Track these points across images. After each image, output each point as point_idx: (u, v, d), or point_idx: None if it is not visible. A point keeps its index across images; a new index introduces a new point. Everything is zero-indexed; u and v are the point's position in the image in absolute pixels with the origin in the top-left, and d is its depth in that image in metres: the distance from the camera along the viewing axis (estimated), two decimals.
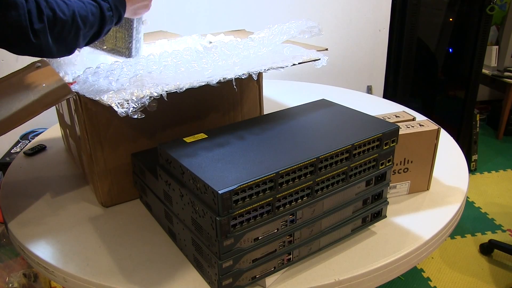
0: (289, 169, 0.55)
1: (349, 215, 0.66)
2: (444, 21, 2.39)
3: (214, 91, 0.83)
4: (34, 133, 1.53)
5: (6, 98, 0.68)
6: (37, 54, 0.64)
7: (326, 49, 0.84)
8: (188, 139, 0.64)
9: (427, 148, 0.78)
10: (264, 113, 0.95)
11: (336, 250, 0.67)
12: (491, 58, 2.61)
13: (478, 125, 2.40)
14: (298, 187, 0.57)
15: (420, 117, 1.05)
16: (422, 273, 1.69)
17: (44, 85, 0.69)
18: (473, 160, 2.40)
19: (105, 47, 0.92)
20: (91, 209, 0.81)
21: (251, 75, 0.70)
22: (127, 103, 0.60)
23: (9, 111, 0.64)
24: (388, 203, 0.71)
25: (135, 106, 0.60)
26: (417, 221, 0.74)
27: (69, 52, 0.68)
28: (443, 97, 2.60)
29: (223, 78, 0.68)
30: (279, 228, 0.58)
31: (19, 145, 1.50)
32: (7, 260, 1.42)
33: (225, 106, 0.90)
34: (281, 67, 0.74)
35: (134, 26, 0.89)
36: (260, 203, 0.54)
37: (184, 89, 0.65)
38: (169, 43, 1.06)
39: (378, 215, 0.71)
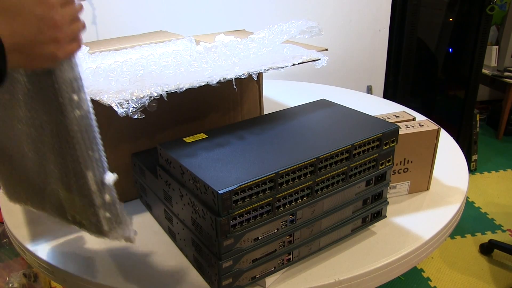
0: (289, 169, 0.55)
1: (349, 215, 0.66)
2: (444, 21, 2.39)
3: (214, 91, 0.83)
4: None
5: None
6: None
7: (326, 49, 0.84)
8: (188, 139, 0.64)
9: (427, 148, 0.78)
10: (264, 113, 0.95)
11: (336, 250, 0.67)
12: (491, 58, 2.61)
13: (478, 125, 2.40)
14: (298, 187, 0.57)
15: (420, 117, 1.05)
16: (422, 273, 1.69)
17: None
18: (473, 160, 2.40)
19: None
20: None
21: (251, 75, 0.70)
22: (127, 103, 0.60)
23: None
24: (388, 203, 0.71)
25: (135, 106, 0.60)
26: (417, 221, 0.74)
27: None
28: (443, 97, 2.60)
29: (223, 78, 0.68)
30: (279, 228, 0.58)
31: None
32: (7, 260, 1.42)
33: (225, 106, 0.90)
34: (281, 67, 0.74)
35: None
36: (260, 203, 0.54)
37: (184, 89, 0.65)
38: (157, 46, 1.04)
39: (378, 215, 0.71)
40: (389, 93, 2.17)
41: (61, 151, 0.50)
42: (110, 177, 0.52)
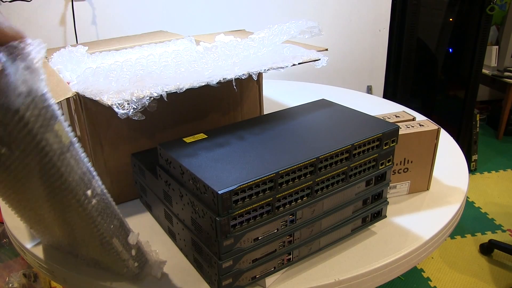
0: (289, 169, 0.55)
1: (349, 215, 0.66)
2: (444, 21, 2.39)
3: (214, 91, 0.83)
4: None
5: None
6: None
7: (326, 49, 0.84)
8: (188, 139, 0.64)
9: (427, 148, 0.78)
10: (264, 113, 0.95)
11: (336, 250, 0.67)
12: (491, 58, 2.61)
13: (478, 125, 2.40)
14: (298, 187, 0.57)
15: (420, 117, 1.05)
16: (422, 273, 1.69)
17: None
18: (473, 160, 2.40)
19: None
20: None
21: (251, 75, 0.70)
22: (128, 104, 0.60)
23: None
24: (388, 203, 0.71)
25: (135, 107, 0.60)
26: (417, 221, 0.74)
27: None
28: (443, 97, 2.60)
29: (223, 79, 0.68)
30: (279, 228, 0.58)
31: None
32: (7, 260, 1.42)
33: (225, 106, 0.90)
34: (281, 67, 0.74)
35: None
36: (260, 203, 0.54)
37: (184, 89, 0.65)
38: (157, 46, 1.04)
39: (378, 215, 0.71)
40: (389, 93, 2.17)
41: (87, 230, 0.54)
42: (134, 237, 0.57)
